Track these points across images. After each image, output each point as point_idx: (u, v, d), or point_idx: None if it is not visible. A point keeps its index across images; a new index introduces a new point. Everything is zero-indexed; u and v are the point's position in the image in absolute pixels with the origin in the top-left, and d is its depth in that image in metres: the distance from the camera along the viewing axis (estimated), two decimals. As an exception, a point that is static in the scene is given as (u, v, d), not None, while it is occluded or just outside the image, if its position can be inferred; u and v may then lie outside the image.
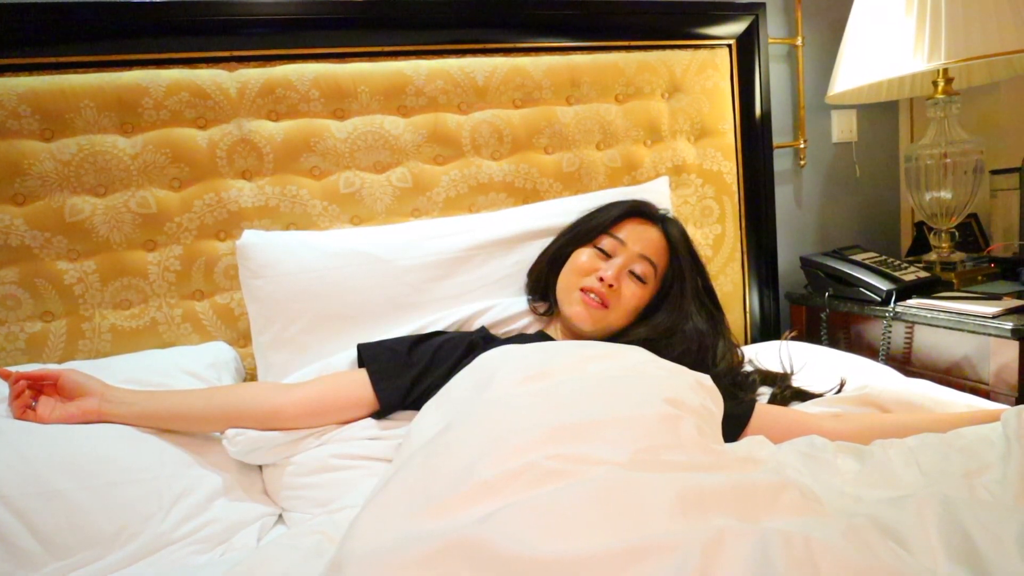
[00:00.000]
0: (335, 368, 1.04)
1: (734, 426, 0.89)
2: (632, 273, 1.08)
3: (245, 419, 0.92)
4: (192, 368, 1.08)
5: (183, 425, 0.93)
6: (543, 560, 0.44)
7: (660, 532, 0.47)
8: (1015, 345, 1.17)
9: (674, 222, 1.16)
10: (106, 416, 0.91)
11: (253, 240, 1.13)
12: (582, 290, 1.06)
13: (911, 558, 0.54)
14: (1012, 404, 1.13)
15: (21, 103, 1.08)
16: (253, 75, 1.20)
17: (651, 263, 1.09)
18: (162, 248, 1.18)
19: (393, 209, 1.29)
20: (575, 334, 1.09)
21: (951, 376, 1.29)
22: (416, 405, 0.91)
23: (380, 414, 0.96)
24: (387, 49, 1.28)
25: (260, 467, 0.98)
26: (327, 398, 0.94)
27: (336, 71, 1.24)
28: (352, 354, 1.04)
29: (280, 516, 0.96)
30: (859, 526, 0.52)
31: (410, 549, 0.47)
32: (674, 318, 1.07)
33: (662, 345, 1.01)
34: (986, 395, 1.20)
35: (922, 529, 0.58)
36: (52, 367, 0.96)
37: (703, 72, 1.48)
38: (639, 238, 1.10)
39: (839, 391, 1.06)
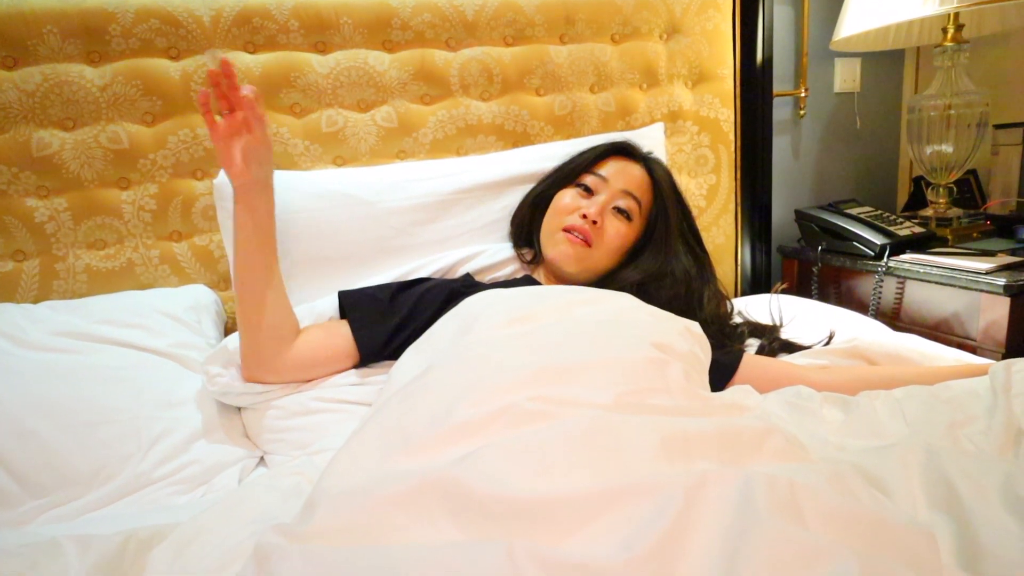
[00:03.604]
0: (319, 312, 1.01)
1: (721, 375, 0.88)
2: (616, 209, 1.05)
3: (253, 335, 0.89)
4: (171, 310, 1.06)
5: (241, 266, 0.90)
6: (520, 499, 0.43)
7: (642, 474, 0.46)
8: (1006, 301, 1.16)
9: (657, 161, 1.13)
10: (237, 186, 0.88)
11: (231, 179, 1.08)
12: (565, 230, 1.03)
13: (893, 504, 0.54)
14: (999, 360, 1.13)
15: (-22, 28, 1.01)
16: (228, 2, 1.12)
17: (635, 199, 1.06)
18: (136, 186, 1.13)
19: (378, 150, 1.24)
20: (561, 278, 1.07)
21: (939, 332, 1.29)
22: (397, 355, 0.89)
23: (360, 363, 0.94)
24: (371, -23, 1.20)
25: (240, 410, 0.96)
26: (318, 356, 0.92)
27: (317, 0, 1.17)
28: (336, 298, 1.01)
29: (262, 459, 0.95)
30: (843, 472, 0.51)
31: (384, 488, 0.46)
32: (661, 259, 1.04)
33: (652, 288, 1.00)
34: (972, 351, 1.20)
35: (905, 477, 0.58)
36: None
37: (704, 12, 1.41)
38: (622, 174, 1.07)
39: (828, 343, 1.05)
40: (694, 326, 0.81)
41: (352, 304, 0.97)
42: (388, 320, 0.94)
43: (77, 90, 1.07)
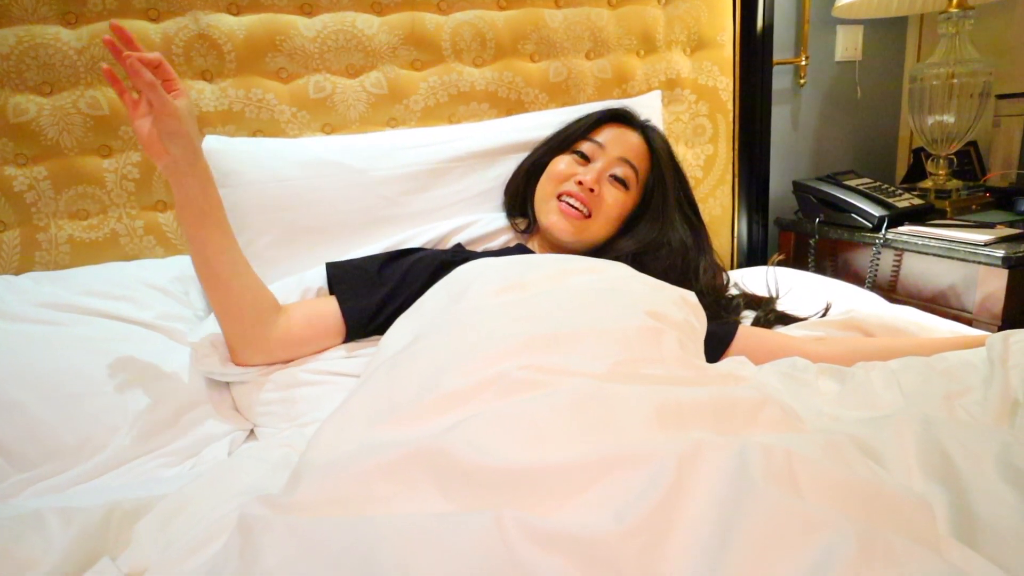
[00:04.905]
0: (307, 284, 0.99)
1: (717, 346, 0.87)
2: (613, 177, 1.03)
3: (229, 321, 0.84)
4: (156, 282, 1.03)
5: (195, 253, 0.80)
6: (509, 469, 0.42)
7: (635, 444, 0.44)
8: (1004, 273, 1.15)
9: (655, 129, 1.11)
10: (162, 168, 0.75)
11: (216, 146, 1.05)
12: (560, 197, 1.01)
13: (888, 474, 0.53)
14: (995, 332, 1.13)
15: (-54, -15, 0.97)
16: (209, -40, 1.08)
17: (632, 167, 1.03)
18: (118, 154, 1.10)
19: (367, 117, 1.21)
20: (556, 247, 1.05)
21: (935, 304, 1.28)
22: (385, 329, 0.87)
23: (348, 337, 0.92)
24: (359, -66, 1.16)
25: (229, 383, 0.95)
26: (305, 334, 0.90)
27: (302, -41, 1.12)
28: (323, 269, 0.99)
29: (251, 431, 0.94)
30: (838, 443, 0.50)
31: (370, 458, 0.45)
32: (658, 229, 1.02)
33: (648, 258, 0.98)
34: (969, 323, 1.19)
35: (900, 448, 0.57)
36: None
37: (704, -24, 1.37)
38: (619, 141, 1.05)
39: (824, 315, 1.04)
40: (689, 295, 0.79)
41: (339, 276, 0.95)
42: (376, 292, 0.92)
43: (53, 53, 1.04)
